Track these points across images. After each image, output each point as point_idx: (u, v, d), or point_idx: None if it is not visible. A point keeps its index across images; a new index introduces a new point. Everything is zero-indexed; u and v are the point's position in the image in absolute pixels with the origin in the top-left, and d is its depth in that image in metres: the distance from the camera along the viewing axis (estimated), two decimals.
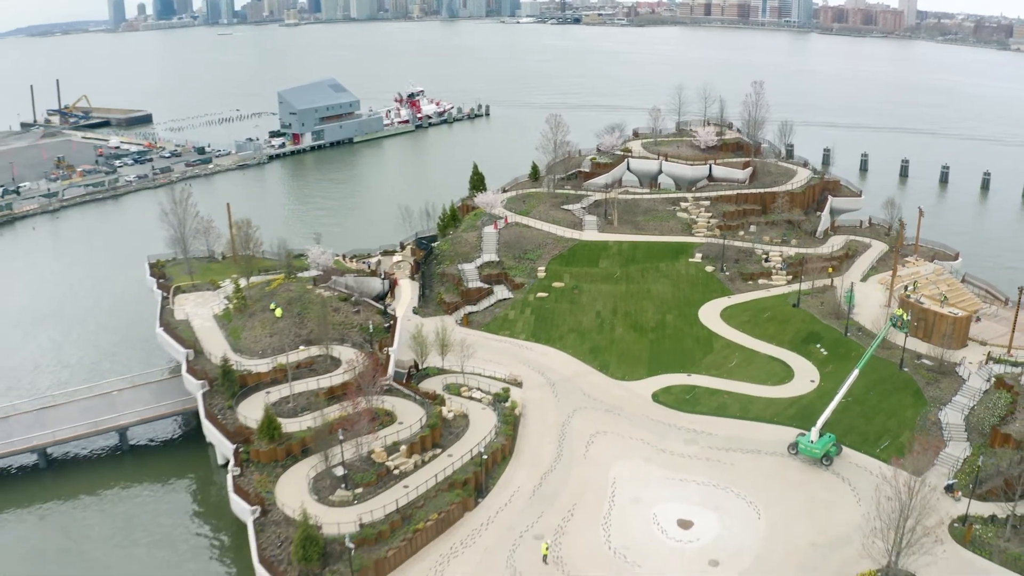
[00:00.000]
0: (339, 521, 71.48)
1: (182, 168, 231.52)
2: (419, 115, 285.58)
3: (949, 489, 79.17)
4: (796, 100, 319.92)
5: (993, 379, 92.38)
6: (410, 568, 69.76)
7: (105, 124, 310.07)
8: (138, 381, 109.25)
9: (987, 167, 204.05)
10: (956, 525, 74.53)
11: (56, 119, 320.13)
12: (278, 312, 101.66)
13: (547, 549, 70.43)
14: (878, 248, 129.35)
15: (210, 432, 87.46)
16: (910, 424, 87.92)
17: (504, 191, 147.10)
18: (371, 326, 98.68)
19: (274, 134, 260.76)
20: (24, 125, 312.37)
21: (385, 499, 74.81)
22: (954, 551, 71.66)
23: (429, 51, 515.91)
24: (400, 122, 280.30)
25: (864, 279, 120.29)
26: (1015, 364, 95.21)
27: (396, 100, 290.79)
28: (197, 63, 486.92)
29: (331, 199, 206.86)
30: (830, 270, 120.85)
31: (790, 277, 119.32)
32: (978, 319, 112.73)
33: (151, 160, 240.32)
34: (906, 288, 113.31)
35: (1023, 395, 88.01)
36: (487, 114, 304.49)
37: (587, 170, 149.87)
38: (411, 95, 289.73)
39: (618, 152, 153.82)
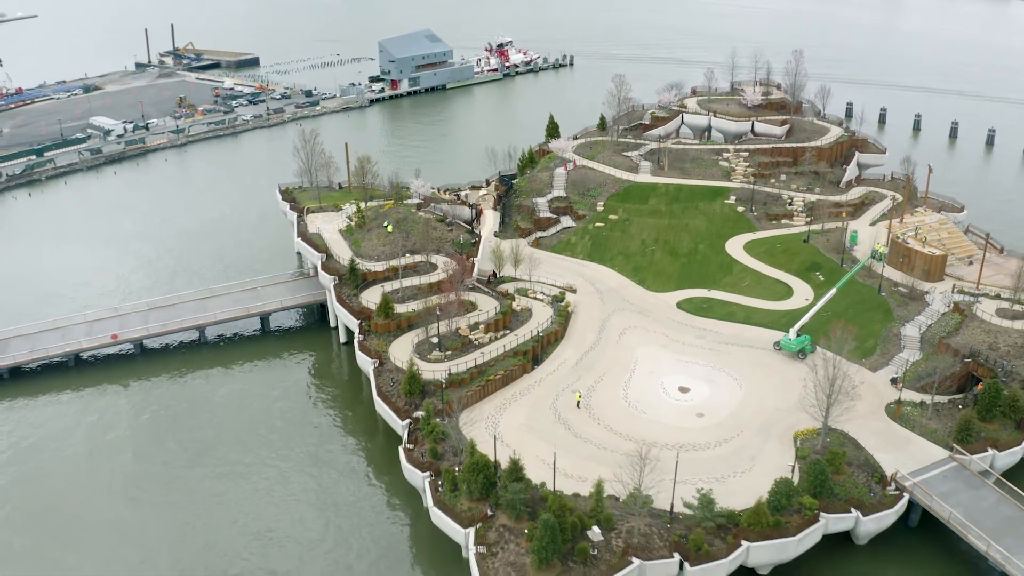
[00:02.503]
0: (433, 370, 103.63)
1: (292, 109, 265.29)
2: (507, 64, 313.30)
3: (893, 381, 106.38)
4: (869, 58, 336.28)
5: (952, 304, 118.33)
6: (482, 406, 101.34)
7: (216, 66, 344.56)
8: (277, 280, 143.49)
9: None
10: (891, 406, 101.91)
11: (170, 60, 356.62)
12: (389, 228, 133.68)
13: (580, 397, 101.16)
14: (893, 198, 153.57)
15: (340, 312, 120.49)
16: (876, 335, 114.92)
17: (575, 139, 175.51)
18: (460, 239, 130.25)
19: (373, 79, 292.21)
20: (139, 65, 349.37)
21: (467, 359, 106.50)
22: (886, 423, 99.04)
23: None
24: (489, 70, 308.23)
25: (873, 224, 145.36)
26: (974, 295, 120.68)
27: (486, 49, 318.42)
28: (290, 4, 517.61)
29: (425, 140, 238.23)
30: (843, 215, 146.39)
31: (809, 219, 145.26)
32: (970, 263, 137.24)
33: (264, 101, 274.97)
34: (904, 233, 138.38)
35: (971, 317, 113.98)
36: (571, 64, 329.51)
37: (647, 123, 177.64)
38: (500, 45, 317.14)
39: (675, 108, 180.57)
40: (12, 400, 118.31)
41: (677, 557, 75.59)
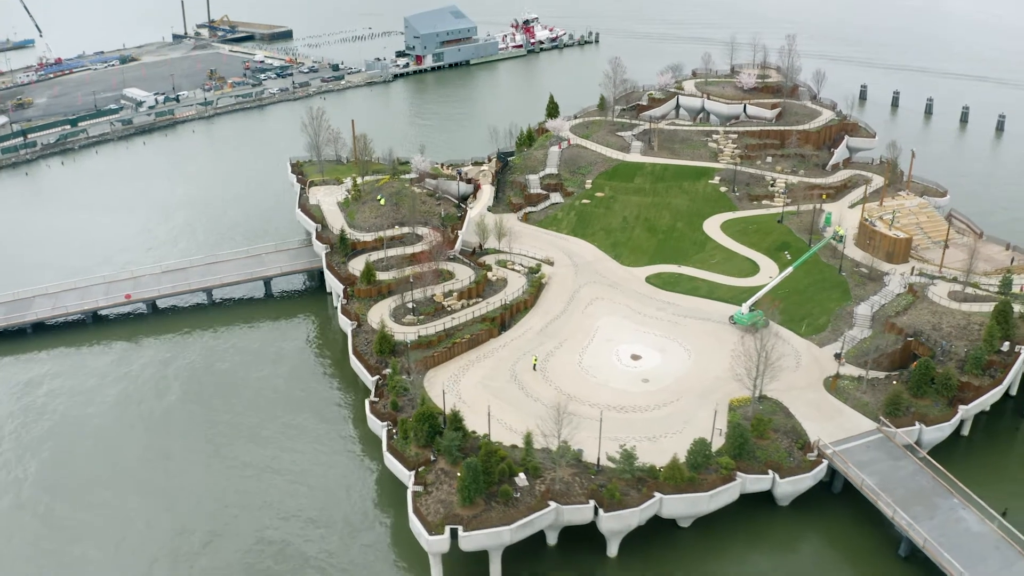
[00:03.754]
0: (404, 332, 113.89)
1: (318, 83, 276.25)
2: (532, 41, 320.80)
3: (837, 356, 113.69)
4: (896, 40, 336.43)
5: (907, 286, 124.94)
6: (447, 366, 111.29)
7: (250, 38, 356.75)
8: (280, 247, 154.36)
9: None
10: (829, 379, 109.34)
11: (205, 32, 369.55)
12: (382, 201, 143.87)
13: (536, 361, 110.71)
14: (877, 182, 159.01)
15: (329, 278, 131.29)
16: (830, 312, 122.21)
17: (575, 118, 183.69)
18: (443, 213, 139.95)
19: (400, 54, 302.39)
20: (176, 37, 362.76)
21: (438, 324, 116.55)
22: (822, 395, 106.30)
23: None
24: (514, 47, 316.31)
25: (852, 207, 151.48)
26: (931, 277, 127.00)
27: (512, 26, 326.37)
28: None
29: (439, 116, 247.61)
30: (824, 196, 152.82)
31: (789, 200, 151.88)
32: (946, 246, 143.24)
33: (292, 75, 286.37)
34: (880, 216, 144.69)
35: (922, 298, 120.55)
36: (597, 41, 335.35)
37: (645, 103, 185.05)
38: (526, 21, 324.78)
39: (671, 90, 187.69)
40: (35, 352, 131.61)
41: (592, 503, 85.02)
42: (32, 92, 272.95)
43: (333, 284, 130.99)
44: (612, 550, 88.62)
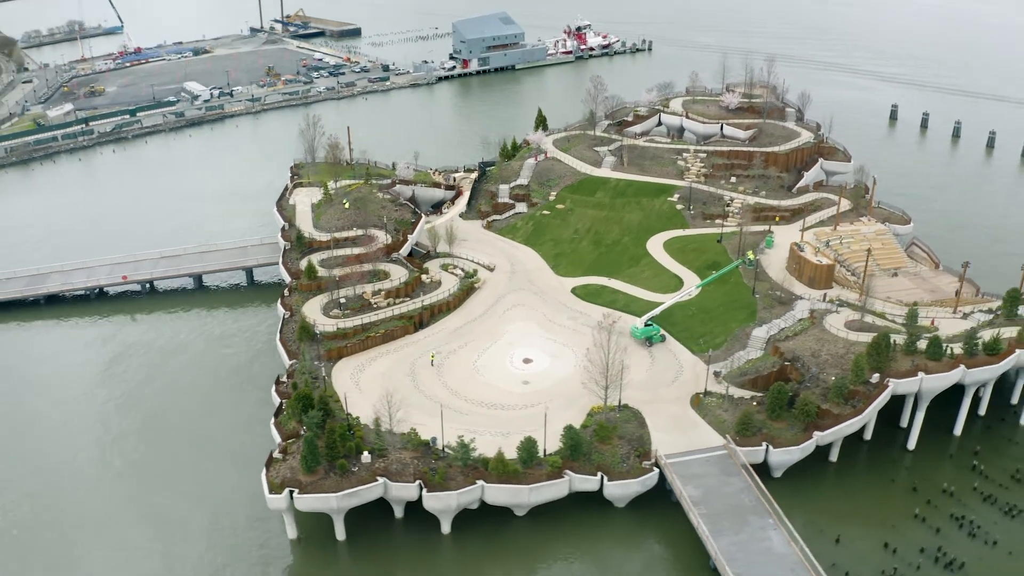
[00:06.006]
0: (325, 324, 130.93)
1: (364, 83, 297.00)
2: (583, 47, 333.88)
3: (717, 375, 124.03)
4: (923, 52, 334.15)
5: (809, 311, 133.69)
6: (358, 356, 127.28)
7: (320, 35, 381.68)
8: (265, 241, 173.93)
9: None
10: (694, 395, 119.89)
11: (279, 27, 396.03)
12: (347, 205, 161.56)
13: (433, 357, 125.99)
14: (845, 206, 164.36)
15: (281, 272, 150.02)
16: (730, 332, 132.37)
17: (565, 131, 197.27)
18: (385, 218, 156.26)
19: (452, 56, 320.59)
20: (252, 30, 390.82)
21: (359, 318, 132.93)
22: (684, 409, 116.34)
23: None
24: (563, 53, 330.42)
25: (803, 230, 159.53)
26: (841, 304, 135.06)
27: (565, 32, 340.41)
28: None
29: (456, 121, 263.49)
30: (777, 219, 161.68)
31: (742, 220, 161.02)
32: (895, 274, 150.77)
33: (343, 74, 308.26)
34: (829, 243, 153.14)
35: (815, 325, 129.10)
36: (649, 49, 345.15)
37: (629, 119, 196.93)
38: (578, 28, 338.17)
39: (656, 107, 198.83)
40: (46, 321, 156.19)
41: (418, 483, 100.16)
42: (107, 80, 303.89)
43: (284, 277, 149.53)
44: (445, 527, 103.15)
